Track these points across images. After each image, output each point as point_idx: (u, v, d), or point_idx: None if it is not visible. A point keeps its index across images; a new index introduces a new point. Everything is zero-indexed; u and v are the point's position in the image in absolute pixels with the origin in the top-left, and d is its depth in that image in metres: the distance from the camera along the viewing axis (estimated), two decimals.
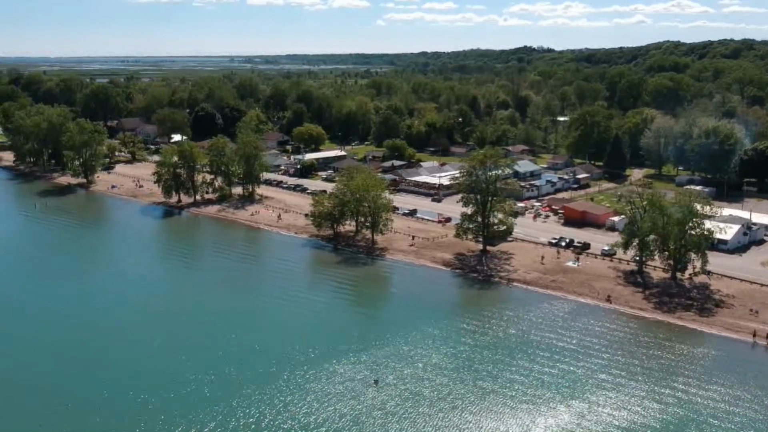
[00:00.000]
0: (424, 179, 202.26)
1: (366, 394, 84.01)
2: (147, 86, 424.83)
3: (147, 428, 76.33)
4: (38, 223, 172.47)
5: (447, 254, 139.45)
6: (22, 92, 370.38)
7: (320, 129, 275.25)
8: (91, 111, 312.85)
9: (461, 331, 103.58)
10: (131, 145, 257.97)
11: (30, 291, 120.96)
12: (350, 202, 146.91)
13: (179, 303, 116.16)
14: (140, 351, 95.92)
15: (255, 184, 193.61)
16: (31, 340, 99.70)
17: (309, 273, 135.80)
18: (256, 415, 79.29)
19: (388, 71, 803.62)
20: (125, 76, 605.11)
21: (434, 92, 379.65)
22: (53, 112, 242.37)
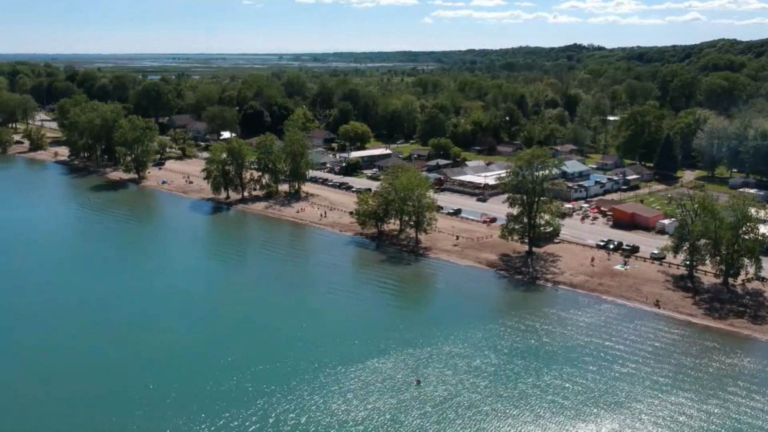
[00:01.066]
0: (469, 178, 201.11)
1: (406, 393, 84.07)
2: (197, 84, 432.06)
3: (188, 418, 77.72)
4: (91, 216, 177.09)
5: (491, 255, 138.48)
6: (77, 89, 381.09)
7: (366, 127, 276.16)
8: (143, 108, 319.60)
9: (504, 333, 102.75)
10: (182, 141, 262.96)
11: (82, 283, 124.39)
12: (395, 200, 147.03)
13: (225, 297, 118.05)
14: (183, 344, 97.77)
15: (301, 182, 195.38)
16: (84, 328, 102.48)
17: (353, 271, 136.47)
18: (297, 410, 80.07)
19: (434, 69, 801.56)
20: (176, 74, 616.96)
21: (481, 90, 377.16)
22: (106, 109, 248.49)
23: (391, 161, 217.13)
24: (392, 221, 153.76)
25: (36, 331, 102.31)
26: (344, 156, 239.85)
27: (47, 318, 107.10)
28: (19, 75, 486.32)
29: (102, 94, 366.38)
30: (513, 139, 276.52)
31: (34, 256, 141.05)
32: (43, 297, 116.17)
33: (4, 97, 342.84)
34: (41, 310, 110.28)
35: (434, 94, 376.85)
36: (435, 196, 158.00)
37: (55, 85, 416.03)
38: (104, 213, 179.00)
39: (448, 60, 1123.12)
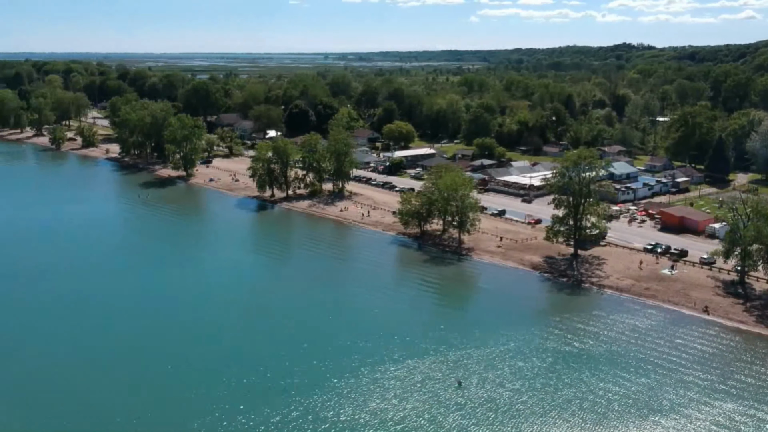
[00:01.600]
0: (514, 179, 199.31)
1: (446, 393, 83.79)
2: (245, 83, 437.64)
3: (229, 411, 78.75)
4: (141, 213, 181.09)
5: (536, 257, 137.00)
6: (128, 87, 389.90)
7: (410, 126, 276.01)
8: (192, 106, 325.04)
9: (547, 336, 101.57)
10: (228, 140, 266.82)
11: (130, 277, 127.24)
12: (438, 200, 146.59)
13: (267, 294, 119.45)
14: (225, 338, 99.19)
15: (345, 181, 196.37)
16: (131, 323, 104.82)
17: (395, 270, 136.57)
18: (335, 407, 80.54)
19: (480, 68, 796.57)
20: (224, 73, 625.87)
21: (527, 90, 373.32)
22: (156, 107, 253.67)
23: (435, 161, 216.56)
24: (435, 221, 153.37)
25: (87, 319, 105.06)
26: (388, 155, 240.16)
27: (98, 307, 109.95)
28: (72, 73, 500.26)
29: (152, 92, 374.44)
30: (559, 139, 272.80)
31: (86, 250, 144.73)
32: (93, 288, 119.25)
33: (58, 95, 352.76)
34: (93, 300, 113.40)
35: (480, 93, 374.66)
36: (479, 197, 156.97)
37: (107, 83, 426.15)
38: (153, 209, 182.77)
39: (493, 59, 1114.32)
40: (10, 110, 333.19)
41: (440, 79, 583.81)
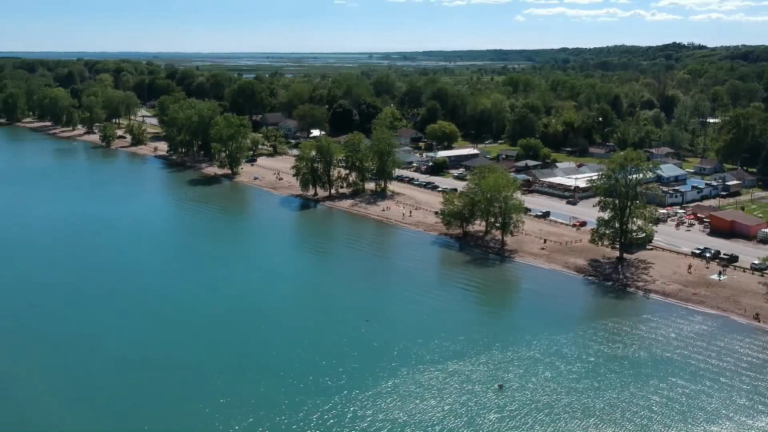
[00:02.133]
0: (559, 180, 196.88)
1: (486, 396, 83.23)
2: (290, 82, 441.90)
3: (269, 409, 79.48)
4: (187, 209, 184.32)
5: (580, 260, 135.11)
6: (176, 86, 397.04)
7: (453, 126, 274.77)
8: (238, 105, 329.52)
9: (591, 341, 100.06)
10: (273, 138, 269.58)
11: (175, 273, 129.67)
12: (481, 201, 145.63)
13: (308, 292, 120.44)
14: (266, 336, 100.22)
15: (387, 180, 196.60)
16: (175, 320, 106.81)
17: (436, 271, 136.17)
18: (373, 407, 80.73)
19: (525, 68, 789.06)
20: (270, 72, 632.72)
21: (574, 90, 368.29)
22: (203, 106, 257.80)
23: (479, 161, 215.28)
24: (478, 222, 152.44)
25: (141, 314, 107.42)
26: (431, 155, 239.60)
27: (151, 301, 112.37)
28: (123, 72, 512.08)
29: (199, 91, 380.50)
30: (606, 140, 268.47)
31: (137, 246, 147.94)
32: (145, 283, 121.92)
33: (108, 93, 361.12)
34: (147, 294, 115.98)
35: (525, 93, 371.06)
36: (523, 198, 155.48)
37: (156, 82, 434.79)
38: (199, 207, 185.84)
39: (539, 59, 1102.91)
40: (62, 108, 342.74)
41: (485, 78, 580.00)
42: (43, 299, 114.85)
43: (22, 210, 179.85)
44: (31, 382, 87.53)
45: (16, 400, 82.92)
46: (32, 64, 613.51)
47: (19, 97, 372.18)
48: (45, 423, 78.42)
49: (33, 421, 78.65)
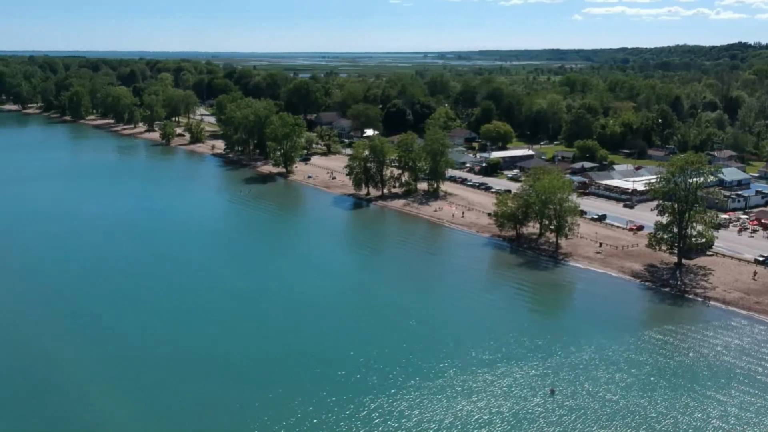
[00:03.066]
0: (616, 183, 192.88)
1: (534, 401, 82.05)
2: (344, 82, 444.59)
3: (315, 407, 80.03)
4: (242, 207, 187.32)
5: (636, 264, 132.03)
6: (234, 85, 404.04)
7: (508, 127, 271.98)
8: (293, 105, 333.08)
9: (645, 347, 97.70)
10: (327, 138, 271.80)
11: (228, 269, 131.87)
12: (535, 203, 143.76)
13: (358, 290, 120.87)
14: (314, 334, 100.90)
15: (440, 181, 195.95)
16: (226, 315, 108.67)
17: (488, 273, 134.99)
18: (419, 407, 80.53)
19: (583, 68, 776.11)
20: (325, 72, 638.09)
21: (633, 91, 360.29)
22: (260, 105, 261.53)
23: (534, 162, 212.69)
24: (532, 224, 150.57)
25: (193, 311, 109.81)
26: (485, 156, 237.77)
27: (197, 297, 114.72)
28: (183, 72, 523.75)
29: (256, 90, 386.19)
30: (665, 142, 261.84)
31: (193, 241, 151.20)
32: (195, 278, 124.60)
33: (169, 92, 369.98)
34: (194, 289, 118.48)
35: (582, 93, 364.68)
36: (578, 200, 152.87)
37: (214, 81, 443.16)
38: (253, 204, 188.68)
39: (597, 58, 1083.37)
40: (124, 106, 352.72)
41: (541, 78, 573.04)
42: (101, 291, 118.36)
43: (86, 204, 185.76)
44: (84, 374, 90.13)
45: (69, 389, 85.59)
46: (96, 63, 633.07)
47: (83, 96, 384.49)
48: (107, 415, 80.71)
49: (92, 412, 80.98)
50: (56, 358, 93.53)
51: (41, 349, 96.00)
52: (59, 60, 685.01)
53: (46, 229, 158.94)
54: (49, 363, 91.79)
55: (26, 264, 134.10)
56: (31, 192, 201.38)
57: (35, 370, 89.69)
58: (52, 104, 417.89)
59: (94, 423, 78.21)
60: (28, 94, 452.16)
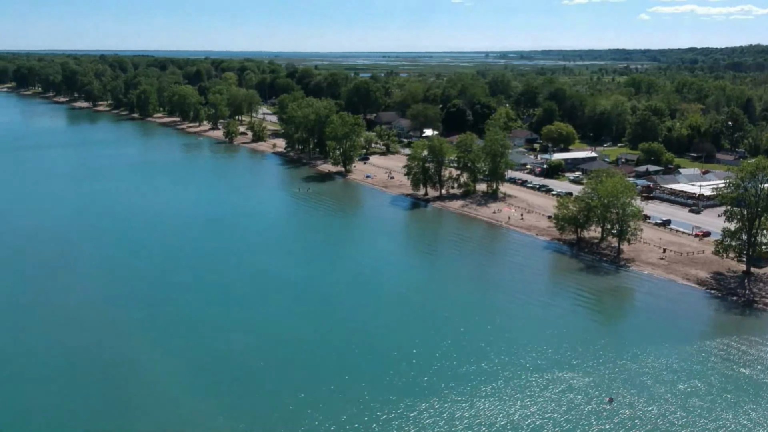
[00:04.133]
0: (682, 187, 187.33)
1: (592, 408, 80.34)
2: (404, 81, 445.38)
3: (362, 407, 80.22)
4: (301, 204, 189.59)
5: (702, 272, 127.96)
6: (296, 85, 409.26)
7: (571, 128, 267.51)
8: (354, 104, 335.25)
9: (709, 358, 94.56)
10: (386, 137, 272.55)
11: (287, 266, 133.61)
12: (597, 207, 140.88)
13: (415, 292, 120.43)
14: (372, 328, 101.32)
15: (499, 182, 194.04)
16: (286, 312, 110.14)
17: (546, 276, 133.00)
18: (472, 409, 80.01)
19: (649, 68, 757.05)
20: (385, 71, 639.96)
21: (701, 92, 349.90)
22: (320, 105, 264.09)
23: (596, 165, 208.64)
24: (593, 228, 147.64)
25: (244, 305, 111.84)
26: (546, 157, 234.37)
27: (254, 294, 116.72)
28: (246, 71, 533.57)
29: (317, 90, 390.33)
30: (735, 146, 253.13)
31: (255, 236, 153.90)
32: (253, 274, 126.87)
33: (233, 91, 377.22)
34: (252, 285, 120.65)
35: (648, 94, 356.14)
36: (642, 205, 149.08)
37: (276, 81, 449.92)
38: (312, 202, 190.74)
39: (665, 59, 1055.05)
40: (190, 105, 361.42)
41: (605, 79, 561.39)
42: (165, 285, 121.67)
43: (155, 200, 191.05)
44: (155, 366, 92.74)
45: (140, 379, 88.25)
46: (164, 63, 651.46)
47: (151, 94, 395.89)
48: (183, 410, 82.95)
49: (163, 401, 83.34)
50: (136, 349, 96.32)
51: (122, 339, 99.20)
52: (128, 59, 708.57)
53: (117, 225, 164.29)
54: (129, 354, 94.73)
55: (101, 258, 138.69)
56: (105, 188, 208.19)
57: (114, 359, 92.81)
58: (121, 102, 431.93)
59: (179, 415, 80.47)
60: (99, 92, 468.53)
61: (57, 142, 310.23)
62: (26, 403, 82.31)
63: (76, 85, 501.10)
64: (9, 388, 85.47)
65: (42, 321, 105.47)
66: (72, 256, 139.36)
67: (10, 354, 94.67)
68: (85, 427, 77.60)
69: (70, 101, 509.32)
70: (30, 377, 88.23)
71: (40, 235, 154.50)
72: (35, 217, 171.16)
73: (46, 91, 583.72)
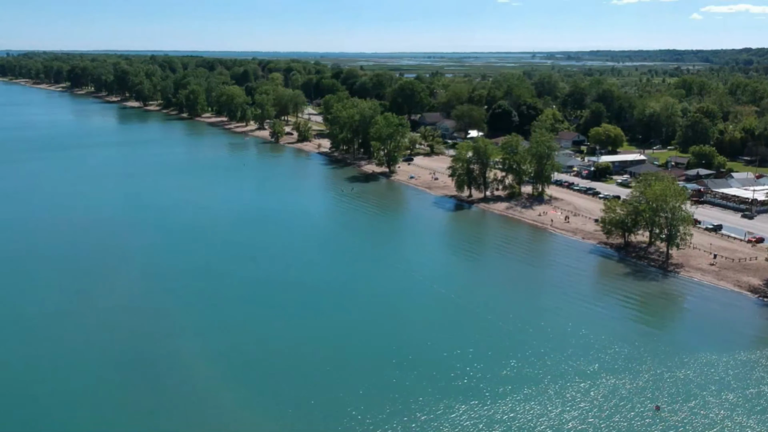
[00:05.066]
0: (734, 192, 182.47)
1: (638, 416, 78.85)
2: (449, 82, 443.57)
3: (401, 406, 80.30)
4: (345, 204, 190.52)
5: (755, 279, 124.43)
6: (341, 85, 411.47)
7: (619, 130, 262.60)
8: (398, 105, 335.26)
9: (759, 367, 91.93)
10: (430, 138, 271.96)
11: (330, 266, 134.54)
12: (645, 211, 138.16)
13: (456, 291, 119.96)
14: (413, 335, 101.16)
15: (545, 184, 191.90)
16: (327, 313, 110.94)
17: (592, 281, 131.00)
18: (511, 413, 79.39)
19: (701, 69, 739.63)
20: (430, 72, 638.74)
21: (756, 94, 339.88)
22: (365, 105, 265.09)
23: (645, 168, 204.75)
24: (641, 233, 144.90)
25: (284, 305, 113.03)
26: (593, 160, 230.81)
27: (296, 294, 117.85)
28: (292, 72, 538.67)
29: (362, 90, 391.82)
30: None
31: (298, 236, 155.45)
32: (295, 274, 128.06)
33: (279, 92, 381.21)
34: (293, 285, 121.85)
35: (699, 96, 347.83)
36: (692, 209, 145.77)
37: (322, 81, 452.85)
38: (356, 202, 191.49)
39: (717, 59, 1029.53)
40: (237, 105, 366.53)
41: (655, 80, 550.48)
42: (207, 284, 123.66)
43: (198, 198, 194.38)
44: (196, 366, 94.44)
45: (184, 381, 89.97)
46: (212, 63, 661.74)
47: (199, 94, 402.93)
48: (222, 409, 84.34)
49: (205, 402, 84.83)
50: (176, 346, 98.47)
51: (163, 336, 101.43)
52: (178, 59, 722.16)
53: (163, 222, 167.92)
54: (169, 350, 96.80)
55: (150, 256, 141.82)
56: (155, 185, 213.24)
57: (154, 355, 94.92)
58: (171, 102, 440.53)
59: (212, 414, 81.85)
60: (149, 92, 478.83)
61: (110, 141, 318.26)
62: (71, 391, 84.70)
63: (127, 85, 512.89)
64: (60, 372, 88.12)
65: (91, 313, 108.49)
66: (120, 250, 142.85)
67: (72, 343, 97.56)
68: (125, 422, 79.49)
69: (122, 101, 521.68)
70: (79, 364, 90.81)
71: (95, 228, 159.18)
72: (92, 212, 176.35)
73: (98, 90, 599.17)
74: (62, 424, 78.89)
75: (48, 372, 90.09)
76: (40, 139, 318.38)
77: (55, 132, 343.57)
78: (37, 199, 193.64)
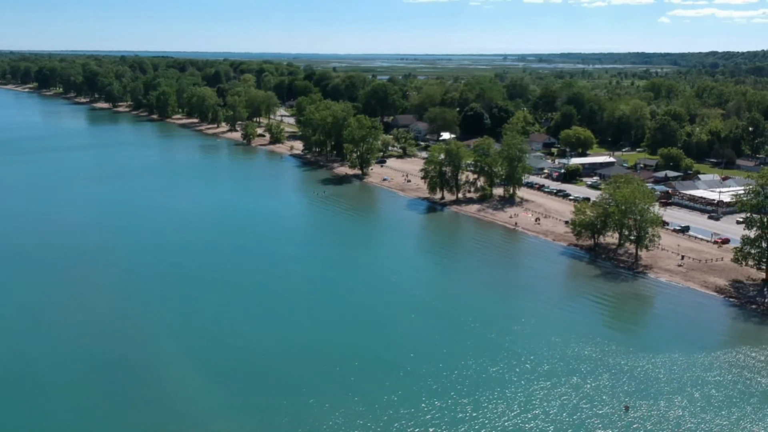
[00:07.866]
0: (701, 194, 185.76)
1: (607, 416, 79.92)
2: (422, 84, 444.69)
3: (364, 412, 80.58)
4: (318, 207, 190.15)
5: (721, 280, 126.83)
6: (314, 87, 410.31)
7: (589, 133, 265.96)
8: (371, 107, 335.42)
9: (727, 368, 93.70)
10: (403, 140, 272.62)
11: (303, 270, 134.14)
12: (615, 212, 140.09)
13: (430, 293, 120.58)
14: (385, 339, 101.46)
15: (516, 187, 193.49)
16: (299, 317, 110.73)
17: (563, 282, 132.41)
18: (474, 412, 79.73)
19: (669, 72, 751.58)
20: (403, 74, 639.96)
21: (722, 97, 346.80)
22: (338, 107, 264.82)
23: (614, 170, 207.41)
24: (610, 234, 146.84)
25: (253, 311, 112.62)
26: (564, 162, 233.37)
27: (266, 300, 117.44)
28: (264, 73, 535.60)
29: (335, 92, 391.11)
30: (756, 152, 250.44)
31: (271, 238, 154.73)
32: (264, 279, 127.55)
33: (251, 93, 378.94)
34: (261, 291, 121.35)
35: (667, 99, 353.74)
36: (660, 211, 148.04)
37: (295, 83, 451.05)
38: (329, 205, 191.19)
39: (685, 62, 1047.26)
40: (208, 106, 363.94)
41: (625, 82, 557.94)
42: (178, 288, 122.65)
43: (174, 201, 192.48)
44: (183, 370, 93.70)
45: (164, 385, 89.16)
46: (183, 64, 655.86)
47: (170, 95, 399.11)
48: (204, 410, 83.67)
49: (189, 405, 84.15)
50: (153, 348, 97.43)
51: (140, 339, 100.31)
52: (148, 60, 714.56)
53: (136, 226, 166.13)
54: (145, 353, 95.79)
55: (123, 259, 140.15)
56: (126, 188, 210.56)
57: (133, 359, 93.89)
58: (141, 103, 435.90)
59: (189, 414, 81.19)
60: (119, 93, 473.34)
61: (80, 144, 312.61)
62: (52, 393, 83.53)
63: (96, 86, 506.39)
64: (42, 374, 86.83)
65: (65, 317, 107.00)
66: (93, 256, 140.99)
67: (55, 343, 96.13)
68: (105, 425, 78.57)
69: (91, 102, 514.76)
70: (63, 365, 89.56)
71: (71, 232, 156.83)
72: (66, 216, 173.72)
73: (67, 91, 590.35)
74: (37, 427, 77.72)
75: (20, 376, 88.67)
76: (8, 141, 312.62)
77: (24, 134, 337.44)
78: (3, 205, 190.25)
